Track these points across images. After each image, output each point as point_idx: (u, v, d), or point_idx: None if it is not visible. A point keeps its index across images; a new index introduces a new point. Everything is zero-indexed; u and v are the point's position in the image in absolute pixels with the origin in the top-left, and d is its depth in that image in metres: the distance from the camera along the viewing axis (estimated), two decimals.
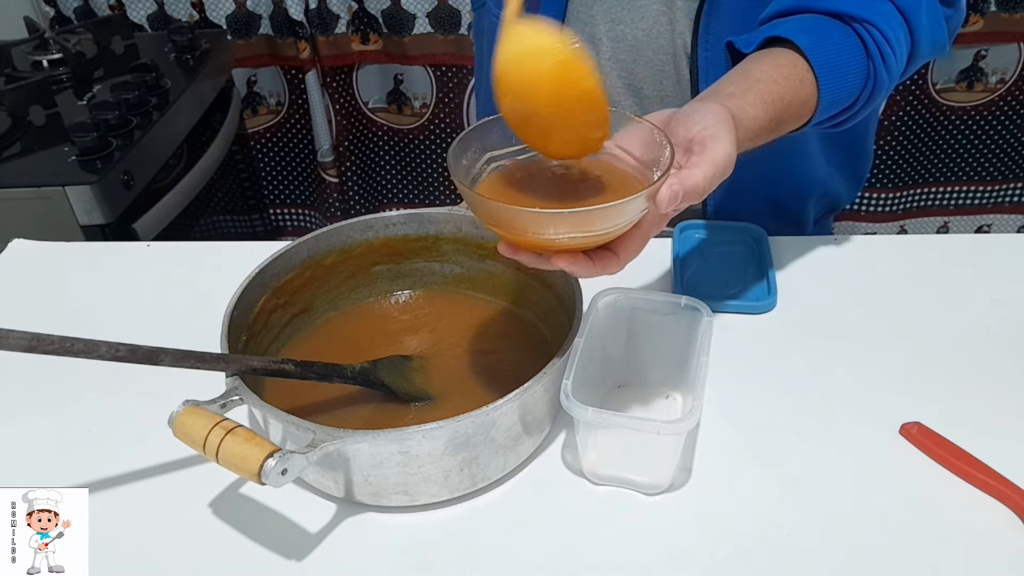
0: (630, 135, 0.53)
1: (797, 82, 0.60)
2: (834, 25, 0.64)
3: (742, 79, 0.59)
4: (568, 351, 0.55)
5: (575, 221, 0.46)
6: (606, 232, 0.48)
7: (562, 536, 0.54)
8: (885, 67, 0.64)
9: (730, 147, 0.50)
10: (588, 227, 0.47)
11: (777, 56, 0.61)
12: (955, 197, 1.78)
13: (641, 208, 0.48)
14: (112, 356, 0.49)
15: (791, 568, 0.51)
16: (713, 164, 0.49)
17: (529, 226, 0.47)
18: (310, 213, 1.95)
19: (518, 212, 0.47)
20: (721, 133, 0.50)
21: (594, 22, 0.78)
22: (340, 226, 0.69)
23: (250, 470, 0.46)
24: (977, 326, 0.69)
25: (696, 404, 0.51)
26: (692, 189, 0.48)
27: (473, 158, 0.53)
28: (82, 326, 0.74)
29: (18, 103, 1.24)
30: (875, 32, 0.63)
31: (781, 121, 0.60)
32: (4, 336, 0.45)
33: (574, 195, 0.52)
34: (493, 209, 0.48)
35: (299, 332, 0.70)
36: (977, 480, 0.55)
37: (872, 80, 0.64)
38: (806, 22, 0.64)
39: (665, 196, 0.47)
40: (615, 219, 0.47)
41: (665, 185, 0.47)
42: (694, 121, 0.51)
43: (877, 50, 0.63)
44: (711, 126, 0.50)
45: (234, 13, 1.68)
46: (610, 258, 0.49)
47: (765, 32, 0.64)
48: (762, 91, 0.57)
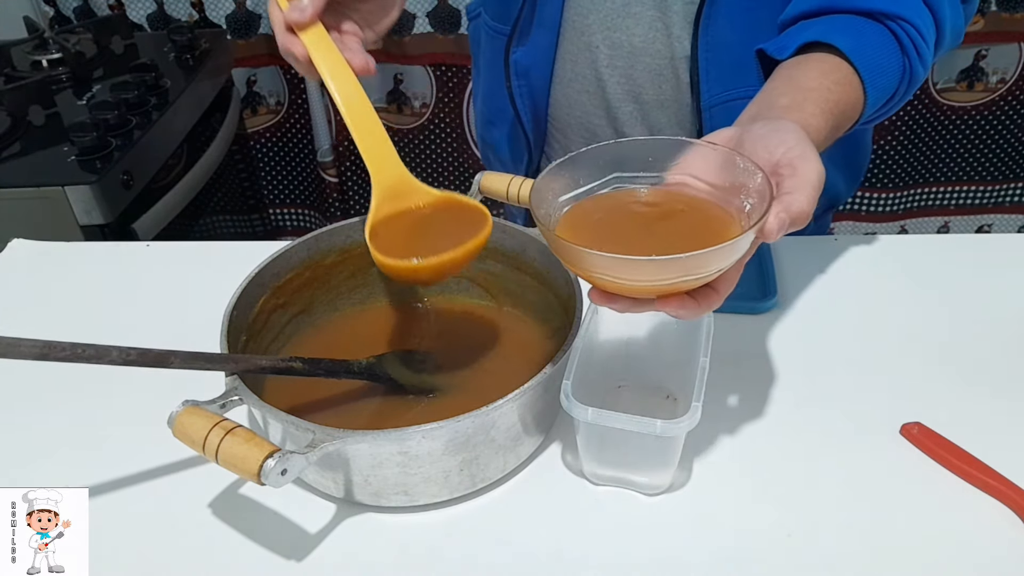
0: (700, 160, 0.50)
1: (847, 87, 0.58)
2: (867, 24, 0.62)
3: (793, 89, 0.57)
4: (568, 351, 0.55)
5: (685, 266, 0.43)
6: (712, 274, 0.45)
7: (562, 536, 0.54)
8: (920, 61, 0.63)
9: (819, 165, 0.47)
10: (697, 270, 0.44)
11: (821, 61, 0.59)
12: (955, 197, 1.78)
13: (748, 243, 0.45)
14: (123, 360, 0.49)
15: (791, 568, 0.51)
16: (811, 185, 0.46)
17: (637, 274, 0.44)
18: (310, 213, 1.95)
19: (624, 261, 0.43)
20: (807, 152, 0.48)
21: (590, 31, 0.78)
22: (340, 226, 0.69)
23: (250, 470, 0.46)
24: (978, 326, 0.69)
25: (696, 404, 0.51)
26: (799, 215, 0.46)
27: (551, 204, 0.50)
28: (82, 326, 0.74)
29: (18, 103, 1.24)
30: (908, 27, 0.62)
31: (838, 128, 0.58)
32: (15, 345, 0.46)
33: (664, 233, 0.49)
34: (591, 259, 0.44)
35: (299, 332, 0.70)
36: (978, 480, 0.55)
37: (908, 75, 0.63)
38: (840, 23, 0.62)
39: (774, 226, 0.45)
40: (724, 260, 0.44)
41: (772, 214, 0.45)
42: (775, 142, 0.48)
43: (912, 45, 0.62)
44: (796, 146, 0.48)
45: (234, 13, 1.68)
46: (711, 295, 0.47)
47: (799, 36, 0.62)
48: (818, 100, 0.56)
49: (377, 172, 0.59)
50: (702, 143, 0.50)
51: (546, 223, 0.47)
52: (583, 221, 0.50)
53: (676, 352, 0.61)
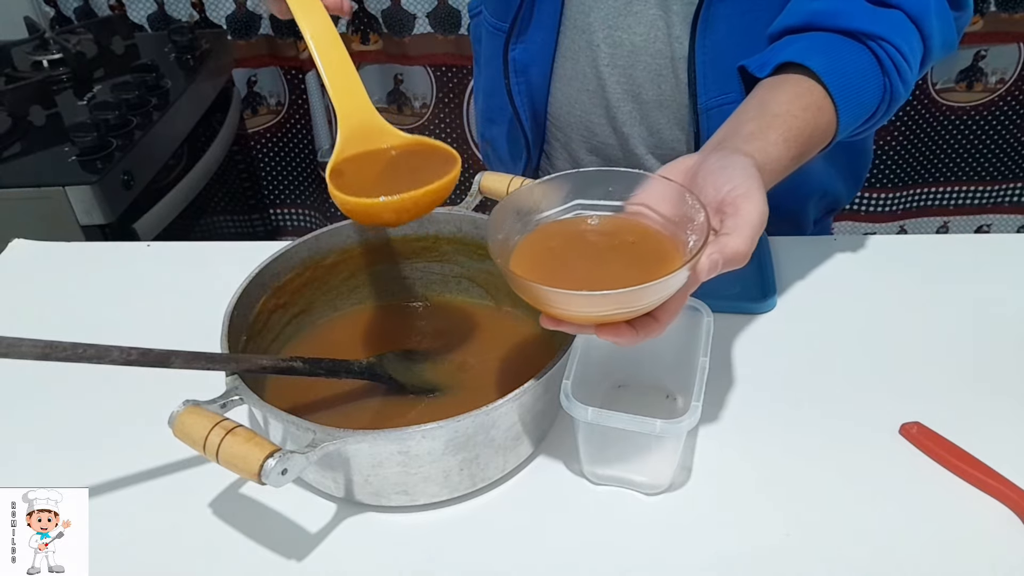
0: (656, 194, 0.52)
1: (816, 111, 0.59)
2: (847, 44, 0.62)
3: (761, 115, 0.58)
4: (568, 351, 0.55)
5: (619, 301, 0.46)
6: (648, 306, 0.47)
7: (562, 536, 0.54)
8: (902, 81, 0.63)
9: (762, 204, 0.49)
10: (632, 304, 0.46)
11: (794, 84, 0.60)
12: (955, 197, 1.78)
13: (682, 281, 0.47)
14: (124, 360, 0.49)
15: (790, 568, 0.51)
16: (750, 226, 0.48)
17: (574, 306, 0.47)
18: (310, 213, 1.95)
19: (562, 295, 0.46)
20: (752, 191, 0.49)
21: (591, 29, 0.78)
22: (340, 226, 0.69)
23: (250, 470, 0.46)
24: (977, 326, 0.69)
25: (696, 404, 0.51)
26: (733, 256, 0.47)
27: (510, 230, 0.52)
28: (82, 326, 0.74)
29: (18, 103, 1.24)
30: (889, 47, 0.62)
31: (803, 155, 0.59)
32: (17, 345, 0.46)
33: (611, 263, 0.51)
34: (534, 291, 0.47)
35: (299, 332, 0.70)
36: (977, 480, 0.55)
37: (889, 95, 0.63)
38: (818, 43, 0.62)
39: (705, 266, 0.46)
40: (658, 294, 0.47)
41: (705, 255, 0.46)
42: (723, 179, 0.50)
43: (893, 65, 0.62)
44: (741, 184, 0.49)
45: (234, 13, 1.68)
46: (651, 324, 0.49)
47: (779, 55, 0.62)
48: (782, 127, 0.56)
49: (343, 109, 0.57)
50: (657, 177, 0.52)
51: (500, 249, 0.50)
52: (539, 247, 0.52)
53: (676, 352, 0.61)
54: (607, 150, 0.85)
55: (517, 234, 0.53)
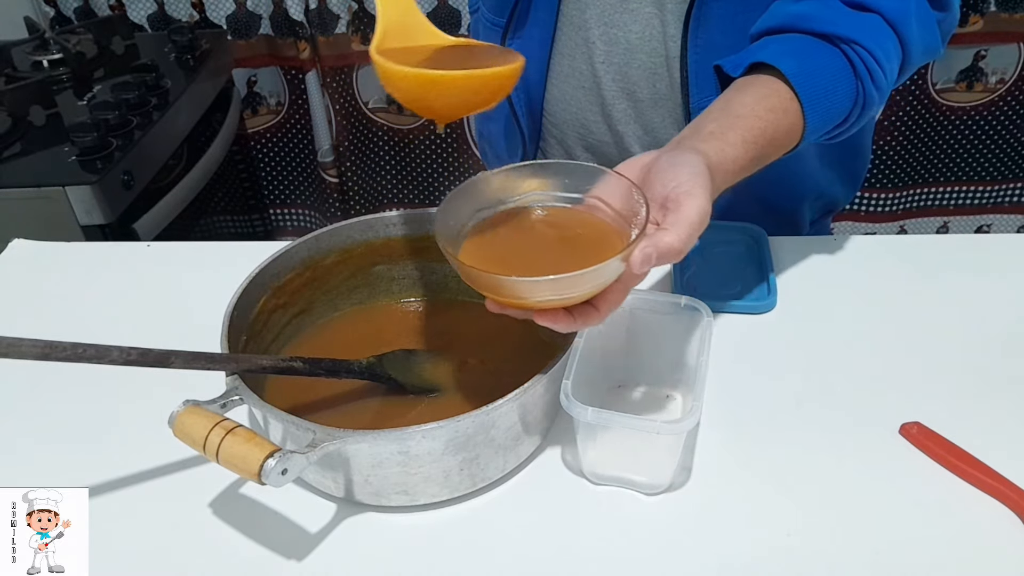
0: (608, 188, 0.54)
1: (781, 113, 0.60)
2: (820, 47, 0.63)
3: (724, 115, 0.59)
4: (568, 351, 0.55)
5: (553, 287, 0.47)
6: (584, 294, 0.49)
7: (562, 536, 0.54)
8: (875, 85, 0.63)
9: (703, 203, 0.50)
10: (566, 291, 0.48)
11: (761, 86, 0.61)
12: (955, 197, 1.78)
13: (617, 271, 0.49)
14: (124, 360, 0.49)
15: (791, 568, 0.51)
16: (688, 224, 0.49)
17: (509, 291, 0.49)
18: (310, 213, 1.95)
19: (497, 280, 0.48)
20: (695, 189, 0.50)
21: (587, 26, 0.78)
22: (340, 226, 0.69)
23: (250, 470, 0.46)
24: (977, 326, 0.69)
25: (696, 404, 0.51)
26: (666, 251, 0.48)
27: (460, 218, 0.54)
28: (82, 327, 0.74)
29: (18, 103, 1.24)
30: (863, 52, 0.62)
31: (763, 156, 0.60)
32: (17, 345, 0.46)
33: (554, 252, 0.53)
34: (473, 275, 0.49)
35: (299, 332, 0.70)
36: (977, 480, 0.55)
37: (861, 99, 0.64)
38: (791, 45, 0.63)
39: (638, 259, 0.48)
40: (591, 282, 0.48)
41: (638, 248, 0.48)
42: (670, 177, 0.51)
43: (865, 69, 0.63)
44: (686, 182, 0.50)
45: (234, 13, 1.68)
46: (590, 312, 0.50)
47: (751, 56, 0.63)
48: (744, 128, 0.57)
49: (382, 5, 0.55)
50: (611, 172, 0.54)
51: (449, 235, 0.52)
52: (489, 235, 0.54)
53: (676, 352, 0.61)
54: (602, 147, 0.85)
55: (470, 221, 0.55)
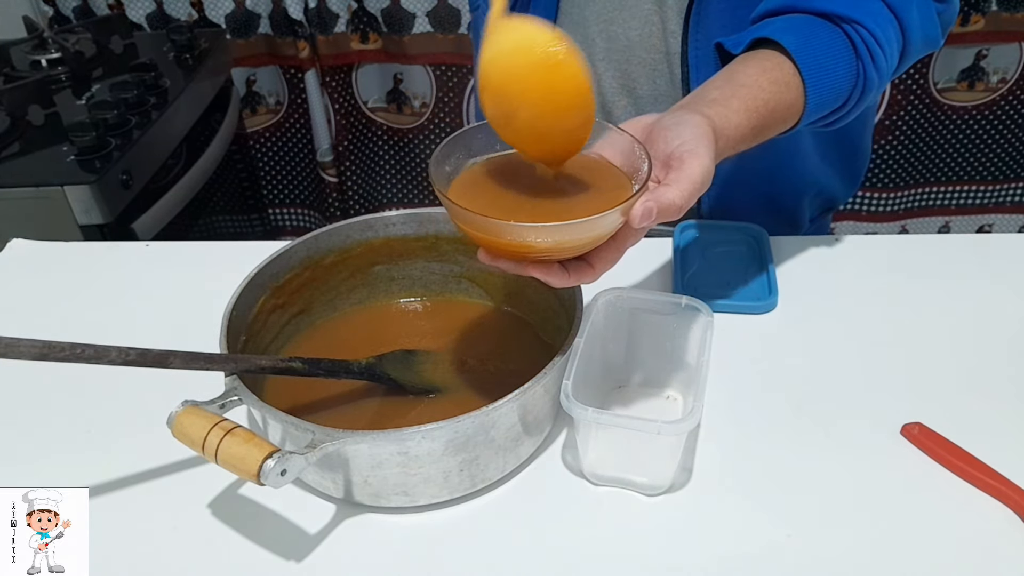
0: (609, 143, 0.53)
1: (783, 87, 0.59)
2: (822, 26, 0.63)
3: (727, 83, 0.58)
4: (568, 351, 0.55)
5: (547, 233, 0.46)
6: (579, 245, 0.48)
7: (562, 537, 0.54)
8: (875, 67, 0.63)
9: (708, 162, 0.49)
10: (560, 238, 0.47)
11: (763, 59, 0.61)
12: (956, 197, 1.78)
13: (615, 223, 0.47)
14: (122, 361, 0.49)
15: (791, 569, 0.51)
16: (691, 181, 0.49)
17: (500, 235, 0.47)
18: (309, 213, 1.95)
19: (490, 223, 0.46)
20: (699, 148, 0.50)
21: (587, 23, 0.78)
22: (340, 226, 0.68)
23: (249, 471, 0.46)
24: (978, 326, 0.69)
25: (696, 404, 0.51)
26: (667, 206, 0.48)
27: (457, 164, 0.53)
28: (81, 326, 0.74)
29: (17, 103, 1.24)
30: (864, 32, 0.62)
31: (765, 127, 0.59)
32: (15, 345, 0.46)
33: (550, 200, 0.51)
34: (465, 217, 0.47)
35: (298, 332, 0.69)
36: (978, 480, 0.55)
37: (862, 80, 0.63)
38: (794, 23, 0.63)
39: (638, 213, 0.47)
40: (588, 233, 0.47)
41: (639, 202, 0.47)
42: (674, 135, 0.51)
43: (866, 50, 0.63)
44: (689, 141, 0.50)
45: (233, 12, 1.68)
46: (584, 269, 0.50)
47: (753, 33, 0.63)
48: (746, 97, 0.57)
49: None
50: (612, 127, 0.52)
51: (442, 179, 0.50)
52: (483, 177, 0.52)
53: (676, 352, 0.60)
54: None
55: (464, 165, 0.53)
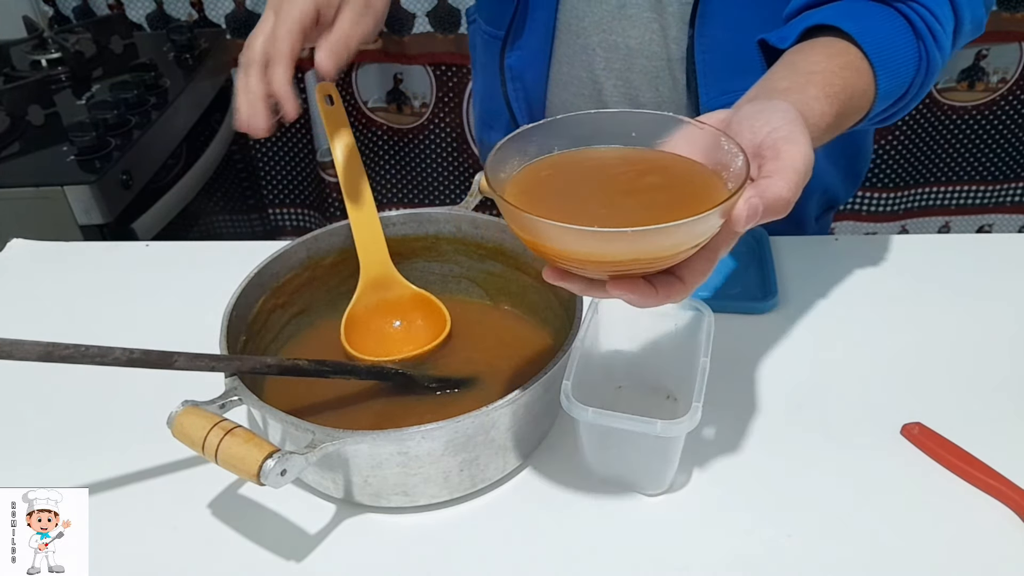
0: (687, 140, 0.46)
1: (854, 72, 0.54)
2: (876, 8, 0.58)
3: (794, 72, 0.52)
4: (568, 351, 0.55)
5: (634, 242, 0.38)
6: (669, 255, 0.40)
7: (562, 537, 0.54)
8: (937, 46, 0.58)
9: (808, 148, 0.43)
10: (649, 249, 0.39)
11: (825, 46, 0.55)
12: (956, 197, 1.78)
13: (712, 227, 0.40)
14: (126, 360, 0.49)
15: (791, 569, 0.51)
16: (794, 170, 0.42)
17: (575, 245, 0.40)
18: (310, 213, 1.95)
19: (563, 230, 0.38)
20: (795, 134, 0.43)
21: (586, 33, 0.78)
22: (340, 226, 0.68)
23: (249, 471, 0.46)
24: (978, 326, 0.69)
25: (697, 404, 0.51)
26: (774, 202, 0.41)
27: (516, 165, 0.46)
28: (81, 326, 0.74)
29: (17, 103, 1.24)
30: (921, 10, 0.57)
31: (845, 115, 0.53)
32: (19, 345, 0.45)
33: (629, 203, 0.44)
34: (531, 224, 0.39)
35: (298, 332, 0.69)
36: (978, 480, 0.55)
37: (925, 63, 0.58)
38: (846, 8, 0.58)
39: (743, 213, 0.40)
40: (683, 240, 0.39)
41: (742, 199, 0.40)
42: (761, 123, 0.44)
43: (926, 28, 0.57)
44: (783, 127, 0.43)
45: (233, 12, 1.68)
46: (675, 284, 0.42)
47: (803, 22, 0.58)
48: (822, 83, 0.51)
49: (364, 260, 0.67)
50: (690, 121, 0.46)
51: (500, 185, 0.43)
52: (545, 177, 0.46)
53: (676, 352, 0.60)
54: None
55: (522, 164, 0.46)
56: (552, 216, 0.39)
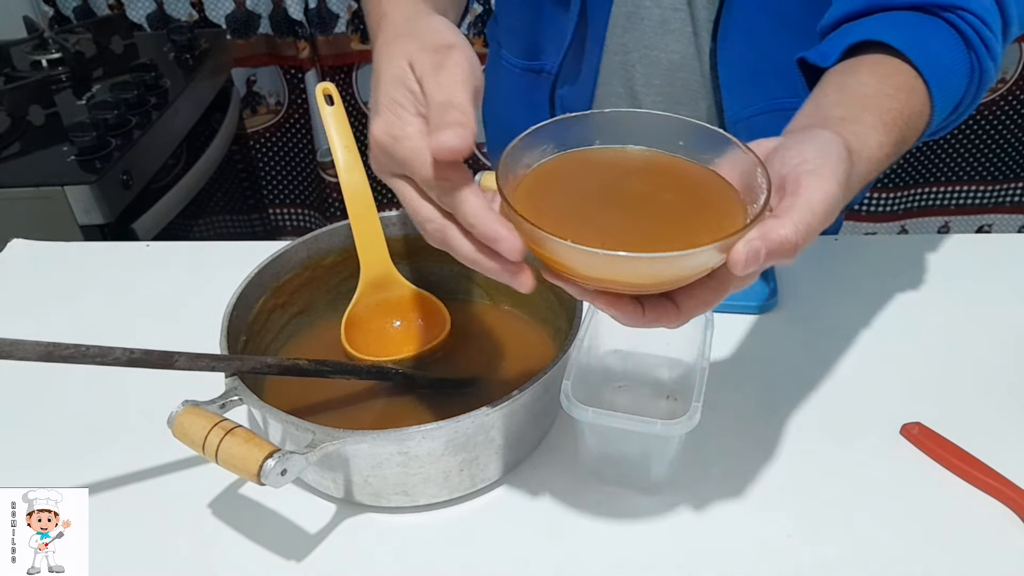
0: (730, 163, 0.42)
1: (909, 92, 0.50)
2: (923, 19, 0.53)
3: (847, 97, 0.48)
4: (568, 351, 0.55)
5: (618, 266, 0.36)
6: (662, 284, 0.38)
7: (562, 536, 0.54)
8: (990, 55, 0.54)
9: (831, 187, 0.38)
10: (635, 276, 0.37)
11: (875, 64, 0.51)
12: (956, 197, 1.78)
13: (706, 263, 0.37)
14: (127, 360, 0.49)
15: (791, 569, 0.51)
16: (809, 211, 0.37)
17: (562, 257, 0.38)
18: (310, 213, 1.95)
19: (550, 241, 0.37)
20: (823, 169, 0.39)
21: (627, 50, 0.76)
22: (340, 226, 0.68)
23: (249, 470, 0.46)
24: (978, 326, 0.69)
25: (696, 404, 0.51)
26: (778, 246, 0.36)
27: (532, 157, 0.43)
28: (81, 326, 0.74)
29: (17, 103, 1.24)
30: (970, 17, 0.53)
31: (903, 142, 0.49)
32: (19, 345, 0.45)
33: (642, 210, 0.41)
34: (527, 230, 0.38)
35: (298, 332, 0.69)
36: (977, 480, 0.55)
37: (977, 74, 0.54)
38: (890, 20, 0.53)
39: (742, 257, 0.36)
40: (671, 271, 0.37)
41: (743, 240, 0.36)
42: (793, 154, 0.40)
43: (978, 38, 0.53)
44: (812, 159, 0.39)
45: (233, 12, 1.68)
46: (668, 309, 0.39)
47: (844, 39, 0.53)
48: (878, 110, 0.47)
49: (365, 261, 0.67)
50: (737, 144, 0.41)
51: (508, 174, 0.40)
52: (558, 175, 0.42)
53: (676, 352, 0.60)
54: None
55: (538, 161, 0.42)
56: (548, 216, 0.37)
